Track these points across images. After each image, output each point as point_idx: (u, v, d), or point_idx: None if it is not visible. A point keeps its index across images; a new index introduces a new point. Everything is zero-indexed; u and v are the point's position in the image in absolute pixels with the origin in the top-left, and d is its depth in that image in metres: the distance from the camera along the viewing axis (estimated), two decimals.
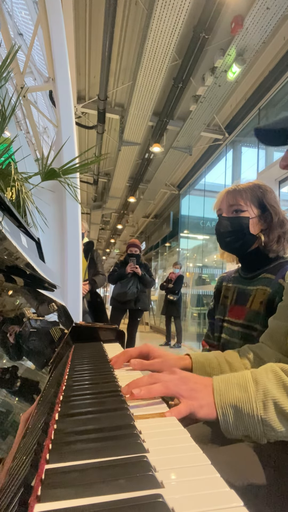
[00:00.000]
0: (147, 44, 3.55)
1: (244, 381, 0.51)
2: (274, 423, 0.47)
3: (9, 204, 0.76)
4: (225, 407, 0.49)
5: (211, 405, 0.49)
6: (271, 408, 0.48)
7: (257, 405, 0.48)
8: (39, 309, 0.73)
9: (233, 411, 0.48)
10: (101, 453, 0.34)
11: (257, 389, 0.49)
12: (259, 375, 0.52)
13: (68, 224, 2.05)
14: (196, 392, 0.50)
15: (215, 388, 0.51)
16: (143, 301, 4.08)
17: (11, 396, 0.38)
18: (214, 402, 0.49)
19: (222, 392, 0.50)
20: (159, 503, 0.26)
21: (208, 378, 0.54)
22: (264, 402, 0.48)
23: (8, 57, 1.61)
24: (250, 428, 0.48)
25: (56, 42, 2.21)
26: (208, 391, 0.51)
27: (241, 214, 1.04)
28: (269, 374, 0.52)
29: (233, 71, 3.95)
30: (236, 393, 0.49)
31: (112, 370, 0.69)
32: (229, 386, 0.51)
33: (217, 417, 0.49)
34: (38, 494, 0.27)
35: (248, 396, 0.49)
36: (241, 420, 0.48)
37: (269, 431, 0.48)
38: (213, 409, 0.49)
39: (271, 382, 0.50)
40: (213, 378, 0.53)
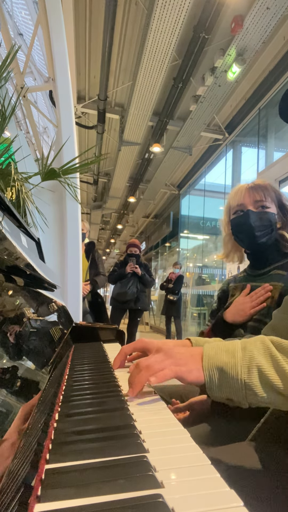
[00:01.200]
0: (147, 44, 3.55)
1: (233, 347, 0.53)
2: (256, 388, 0.49)
3: (9, 204, 0.76)
4: (211, 369, 0.51)
5: (200, 369, 0.51)
6: (254, 373, 0.49)
7: (242, 369, 0.50)
8: (39, 309, 0.73)
9: (218, 373, 0.50)
10: (101, 453, 0.34)
11: (243, 355, 0.51)
12: (248, 343, 0.53)
13: (68, 224, 2.05)
14: (183, 359, 0.52)
15: (204, 353, 0.53)
16: (143, 301, 4.08)
17: (11, 396, 0.38)
18: (202, 366, 0.51)
19: (211, 356, 0.52)
20: (159, 503, 0.26)
21: (195, 348, 0.56)
22: (249, 367, 0.50)
23: (8, 57, 1.61)
24: (233, 391, 0.50)
25: (56, 42, 2.21)
26: (195, 359, 0.53)
27: (267, 210, 1.05)
28: (258, 343, 0.53)
29: (233, 71, 3.95)
30: (223, 358, 0.51)
31: (112, 370, 0.69)
32: (218, 351, 0.53)
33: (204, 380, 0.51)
34: (38, 494, 0.27)
35: (234, 361, 0.50)
36: (225, 383, 0.50)
37: (251, 396, 0.49)
38: (201, 372, 0.51)
39: (258, 349, 0.52)
40: (204, 344, 0.55)
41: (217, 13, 3.48)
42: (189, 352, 0.54)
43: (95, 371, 0.70)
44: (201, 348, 0.55)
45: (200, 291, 8.01)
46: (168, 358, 0.52)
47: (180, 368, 0.50)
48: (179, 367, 0.51)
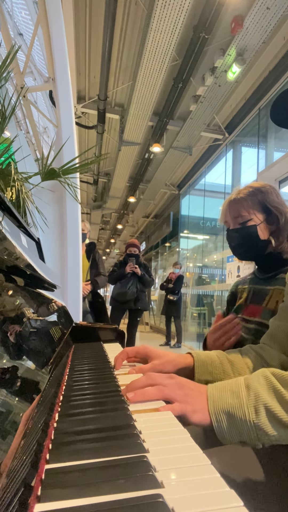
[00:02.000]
0: (147, 44, 3.55)
1: (237, 387, 0.52)
2: (266, 427, 0.48)
3: (9, 204, 0.76)
4: (218, 414, 0.50)
5: (205, 411, 0.50)
6: (262, 412, 0.48)
7: (249, 410, 0.49)
8: (39, 309, 0.73)
9: (226, 417, 0.49)
10: (101, 453, 0.34)
11: (248, 394, 0.50)
12: (251, 381, 0.52)
13: (68, 224, 2.05)
14: (191, 397, 0.51)
15: (209, 395, 0.52)
16: (142, 301, 4.08)
17: (11, 396, 0.38)
18: (207, 409, 0.50)
19: (216, 398, 0.51)
20: (159, 503, 0.26)
21: (204, 386, 0.55)
22: (256, 407, 0.49)
23: (8, 57, 1.61)
24: (244, 433, 0.49)
25: (56, 42, 2.21)
26: (202, 398, 0.52)
27: (248, 223, 1.03)
28: (261, 379, 0.52)
29: (233, 71, 3.95)
30: (228, 400, 0.50)
31: (112, 370, 0.69)
32: (223, 393, 0.51)
33: (210, 423, 0.50)
34: (38, 494, 0.27)
35: (240, 401, 0.50)
36: (234, 426, 0.49)
37: (262, 435, 0.48)
38: (206, 415, 0.50)
39: (262, 387, 0.51)
40: (208, 386, 0.54)
41: (217, 13, 3.48)
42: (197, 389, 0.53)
43: (95, 371, 0.70)
44: (205, 387, 0.54)
45: (200, 291, 8.00)
46: (179, 389, 0.51)
47: (186, 406, 0.49)
48: (186, 404, 0.50)
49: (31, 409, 0.39)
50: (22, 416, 0.36)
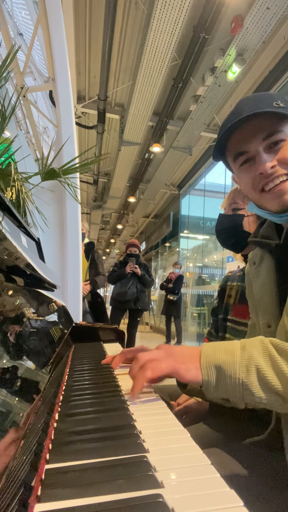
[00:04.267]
0: (147, 44, 3.54)
1: (232, 347, 0.53)
2: (254, 388, 0.48)
3: (9, 204, 0.76)
4: (209, 367, 0.50)
5: (198, 368, 0.51)
6: (253, 373, 0.49)
7: (240, 369, 0.49)
8: (39, 309, 0.73)
9: (216, 372, 0.50)
10: (101, 453, 0.34)
11: (242, 354, 0.51)
12: (247, 343, 0.53)
13: (68, 224, 2.05)
14: (183, 357, 0.52)
15: (202, 351, 0.53)
16: (142, 301, 4.08)
17: (11, 396, 0.38)
18: (200, 364, 0.51)
19: (209, 354, 0.52)
20: (159, 503, 0.26)
21: (194, 347, 0.56)
22: (247, 367, 0.50)
23: (8, 57, 1.61)
24: (230, 390, 0.49)
25: (56, 42, 2.21)
26: (194, 357, 0.53)
27: (238, 212, 1.05)
28: (257, 344, 0.53)
29: (233, 71, 3.95)
30: (222, 356, 0.51)
31: (112, 370, 0.69)
32: (217, 350, 0.52)
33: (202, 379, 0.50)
34: (38, 494, 0.27)
35: (233, 359, 0.50)
36: (222, 381, 0.50)
37: (248, 395, 0.49)
38: (199, 371, 0.51)
39: (257, 350, 0.51)
40: (203, 344, 0.55)
41: (217, 13, 3.48)
42: (188, 351, 0.54)
43: (95, 371, 0.70)
44: (200, 347, 0.55)
45: (200, 291, 8.00)
46: (168, 356, 0.52)
47: (179, 365, 0.50)
48: (178, 364, 0.51)
49: (32, 408, 0.39)
50: (22, 416, 0.36)
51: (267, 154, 0.64)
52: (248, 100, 0.66)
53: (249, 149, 0.65)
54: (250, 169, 0.67)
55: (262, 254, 0.75)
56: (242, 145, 0.66)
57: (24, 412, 0.37)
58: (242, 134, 0.65)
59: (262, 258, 0.75)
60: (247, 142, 0.65)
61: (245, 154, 0.66)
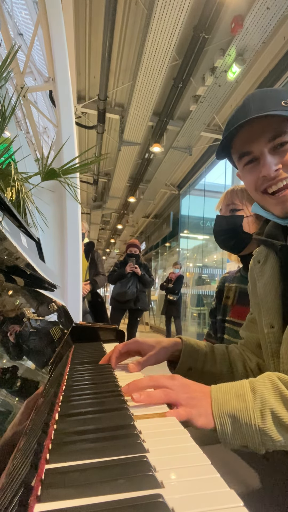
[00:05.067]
0: (147, 44, 3.54)
1: (242, 390, 0.51)
2: (271, 433, 0.47)
3: (9, 204, 0.76)
4: (222, 417, 0.48)
5: (209, 415, 0.49)
6: (268, 417, 0.47)
7: (255, 414, 0.48)
8: (39, 309, 0.73)
9: (230, 420, 0.48)
10: (101, 453, 0.34)
11: (254, 399, 0.49)
12: (257, 384, 0.51)
13: (68, 224, 2.05)
14: (195, 400, 0.50)
15: (213, 398, 0.50)
16: (142, 301, 4.08)
17: (11, 396, 0.38)
18: (211, 412, 0.49)
19: (220, 401, 0.50)
20: (159, 503, 0.26)
21: (207, 387, 0.54)
22: (262, 412, 0.48)
23: (8, 57, 1.60)
24: (248, 438, 0.48)
25: (56, 42, 2.21)
26: (206, 400, 0.50)
27: (237, 213, 1.04)
28: (267, 384, 0.51)
29: (233, 71, 3.95)
30: (234, 403, 0.49)
31: (112, 370, 0.69)
32: (227, 396, 0.50)
33: (214, 427, 0.49)
34: (38, 494, 0.27)
35: (245, 405, 0.48)
36: (239, 430, 0.48)
37: (267, 441, 0.47)
38: (210, 419, 0.49)
39: (268, 391, 0.50)
40: (211, 387, 0.53)
41: (217, 13, 3.48)
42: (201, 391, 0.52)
43: (95, 371, 0.70)
44: (209, 389, 0.52)
45: (200, 291, 8.00)
46: (184, 392, 0.50)
47: (191, 410, 0.48)
48: (191, 408, 0.48)
49: (32, 408, 0.39)
50: (22, 416, 0.36)
51: (272, 155, 0.63)
52: (255, 97, 0.64)
53: (254, 149, 0.64)
54: (254, 170, 0.66)
55: (267, 253, 0.74)
56: (247, 145, 0.65)
57: (24, 412, 0.37)
58: (248, 133, 0.64)
59: (267, 257, 0.74)
60: (252, 142, 0.64)
61: (249, 154, 0.65)
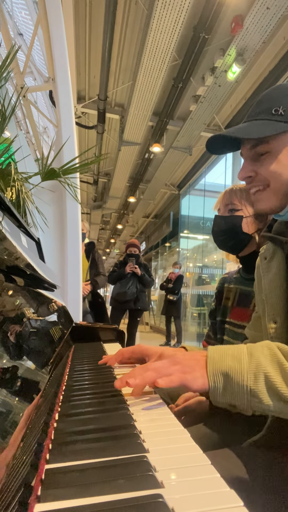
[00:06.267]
0: (147, 44, 3.54)
1: (239, 352, 0.52)
2: (262, 395, 0.48)
3: (9, 204, 0.76)
4: (216, 374, 0.50)
5: (204, 376, 0.50)
6: (261, 380, 0.48)
7: (248, 376, 0.49)
8: (39, 309, 0.73)
9: (223, 378, 0.49)
10: (101, 453, 0.34)
11: (250, 361, 0.50)
12: (255, 349, 0.52)
13: (68, 224, 2.05)
14: (189, 367, 0.51)
15: (209, 357, 0.52)
16: (142, 301, 4.08)
17: (11, 396, 0.38)
18: (206, 371, 0.50)
19: (216, 360, 0.51)
20: (159, 503, 0.26)
21: (200, 352, 0.55)
22: (255, 374, 0.49)
23: (8, 57, 1.61)
24: (237, 397, 0.49)
25: (56, 42, 2.21)
26: (200, 364, 0.51)
27: (236, 213, 1.04)
28: (265, 350, 0.52)
29: (233, 71, 3.95)
30: (229, 363, 0.50)
31: (112, 370, 0.69)
32: (223, 356, 0.51)
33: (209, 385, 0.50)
34: (38, 494, 0.27)
35: (240, 366, 0.49)
36: (230, 388, 0.49)
37: (255, 403, 0.48)
38: (206, 379, 0.50)
39: (265, 356, 0.51)
40: (209, 347, 0.54)
41: (217, 13, 3.48)
42: (194, 358, 0.53)
43: (95, 371, 0.70)
44: (205, 352, 0.53)
45: (200, 291, 8.01)
46: (174, 364, 0.51)
47: (185, 375, 0.49)
48: (185, 374, 0.49)
49: (32, 408, 0.39)
50: (22, 416, 0.36)
51: (251, 161, 0.68)
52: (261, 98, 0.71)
53: (243, 151, 0.70)
54: None
55: (274, 249, 0.74)
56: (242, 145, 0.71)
57: (24, 412, 0.37)
58: None
59: (274, 254, 0.74)
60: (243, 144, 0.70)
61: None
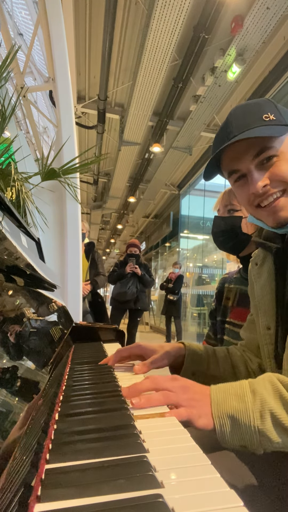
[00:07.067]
0: (147, 44, 3.54)
1: (242, 391, 0.51)
2: (270, 434, 0.47)
3: (9, 204, 0.76)
4: (222, 417, 0.49)
5: (209, 416, 0.49)
6: (268, 418, 0.48)
7: (254, 415, 0.48)
8: (39, 309, 0.73)
9: (230, 421, 0.48)
10: (101, 453, 0.34)
11: (254, 400, 0.49)
12: (257, 385, 0.51)
13: (68, 224, 2.05)
14: (195, 401, 0.50)
15: (212, 398, 0.51)
16: (142, 301, 4.08)
17: (11, 396, 0.38)
18: (211, 413, 0.49)
19: (220, 402, 0.50)
20: (159, 503, 0.26)
21: (207, 387, 0.54)
22: (261, 413, 0.48)
23: (8, 57, 1.61)
24: (246, 438, 0.48)
25: (56, 42, 2.21)
26: (206, 401, 0.50)
27: (235, 213, 1.04)
28: (267, 385, 0.51)
29: (233, 71, 3.95)
30: (233, 403, 0.49)
31: (112, 370, 0.69)
32: (227, 396, 0.50)
33: (214, 427, 0.49)
34: (38, 494, 0.27)
35: (245, 406, 0.49)
36: (237, 430, 0.48)
37: (265, 442, 0.48)
38: (210, 420, 0.49)
39: (268, 392, 0.50)
40: (211, 387, 0.53)
41: (217, 13, 3.48)
42: (201, 392, 0.52)
43: (95, 371, 0.70)
44: (208, 389, 0.52)
45: (200, 291, 8.01)
46: (184, 393, 0.50)
47: (191, 410, 0.48)
48: (191, 409, 0.48)
49: (31, 407, 0.39)
50: (22, 415, 0.36)
51: (259, 171, 0.64)
52: (237, 114, 0.65)
53: (241, 167, 0.65)
54: (244, 186, 0.66)
55: (264, 255, 0.75)
56: (234, 163, 0.66)
57: (24, 412, 0.37)
58: (233, 152, 0.65)
59: (264, 260, 0.74)
60: (238, 160, 0.65)
61: (237, 172, 0.66)
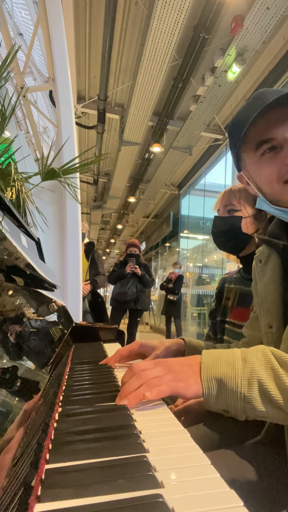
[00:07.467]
0: (147, 44, 3.54)
1: (233, 358, 0.51)
2: (255, 402, 0.48)
3: (9, 204, 0.76)
4: (210, 380, 0.49)
5: (198, 382, 0.50)
6: (255, 387, 0.48)
7: (242, 382, 0.48)
8: (39, 309, 0.73)
9: (217, 384, 0.49)
10: (101, 453, 0.34)
11: (244, 367, 0.50)
12: (249, 354, 0.52)
13: (68, 224, 2.05)
14: (182, 374, 0.50)
15: (203, 362, 0.51)
16: (142, 301, 4.08)
17: (11, 396, 0.38)
18: (200, 377, 0.50)
19: (210, 366, 0.51)
20: (159, 503, 0.26)
21: (193, 357, 0.54)
22: (249, 381, 0.49)
23: (8, 57, 1.60)
24: (231, 403, 0.49)
25: (56, 42, 2.21)
26: (194, 370, 0.51)
27: (235, 214, 1.04)
28: (259, 355, 0.52)
29: (233, 71, 3.95)
30: (223, 369, 0.50)
31: (112, 370, 0.69)
32: (217, 361, 0.51)
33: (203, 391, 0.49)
34: (38, 494, 0.27)
35: (234, 372, 0.49)
36: (223, 395, 0.49)
37: (249, 409, 0.48)
38: (199, 385, 0.49)
39: (259, 362, 0.50)
40: (203, 352, 0.53)
41: (217, 13, 3.48)
42: (187, 364, 0.52)
43: (95, 371, 0.70)
44: (199, 357, 0.53)
45: (200, 291, 8.01)
46: (168, 373, 0.50)
47: (177, 384, 0.49)
48: (177, 382, 0.49)
49: (31, 407, 0.39)
50: (22, 416, 0.36)
51: None
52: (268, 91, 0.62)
53: (276, 135, 0.61)
54: (276, 159, 0.62)
55: (269, 253, 0.74)
56: (267, 132, 0.61)
57: (24, 412, 0.37)
58: (266, 121, 0.61)
59: (268, 257, 0.73)
60: (274, 128, 0.61)
61: (270, 141, 0.61)
